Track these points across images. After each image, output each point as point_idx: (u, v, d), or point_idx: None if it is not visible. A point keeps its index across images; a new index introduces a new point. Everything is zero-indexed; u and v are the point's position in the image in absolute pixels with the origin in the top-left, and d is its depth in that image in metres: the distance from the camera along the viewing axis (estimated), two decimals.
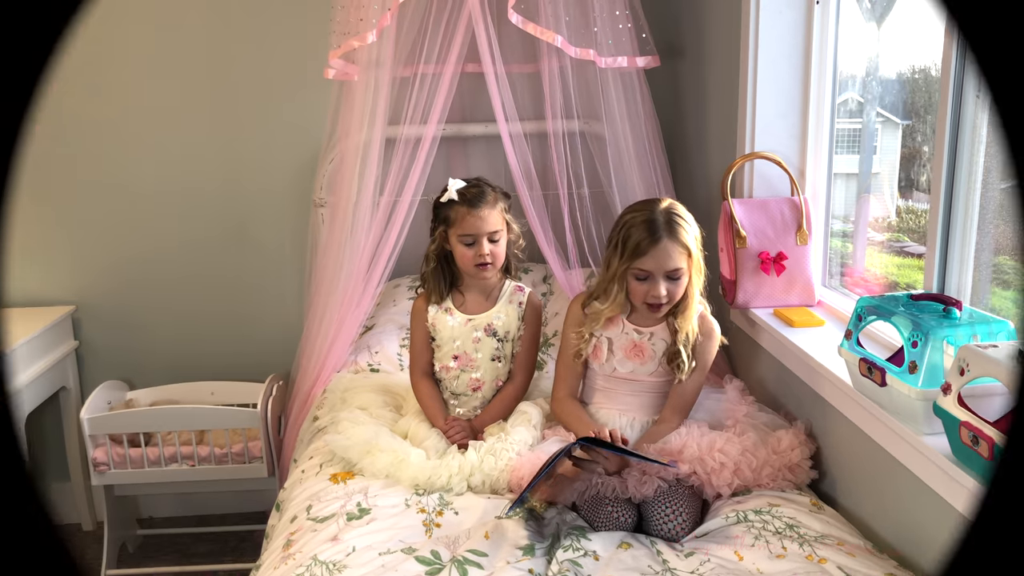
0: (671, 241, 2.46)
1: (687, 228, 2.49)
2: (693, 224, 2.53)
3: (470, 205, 2.70)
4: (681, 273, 2.48)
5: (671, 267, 2.47)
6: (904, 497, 2.13)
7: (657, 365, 2.60)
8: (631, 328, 2.62)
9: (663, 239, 2.45)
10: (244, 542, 3.93)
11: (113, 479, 3.54)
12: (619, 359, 2.63)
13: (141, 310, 3.95)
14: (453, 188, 2.72)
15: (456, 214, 2.72)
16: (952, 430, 1.81)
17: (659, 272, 2.47)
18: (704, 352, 2.60)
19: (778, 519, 2.22)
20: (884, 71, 2.82)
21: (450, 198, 2.72)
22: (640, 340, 2.60)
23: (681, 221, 2.49)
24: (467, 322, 2.83)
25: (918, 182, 2.65)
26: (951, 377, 1.82)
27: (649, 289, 2.49)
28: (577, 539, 2.20)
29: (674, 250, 2.46)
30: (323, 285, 3.34)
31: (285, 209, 3.89)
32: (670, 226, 2.47)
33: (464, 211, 2.70)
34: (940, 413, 1.84)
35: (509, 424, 2.70)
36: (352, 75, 3.26)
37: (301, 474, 2.66)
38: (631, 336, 2.61)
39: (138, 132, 3.78)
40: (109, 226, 3.86)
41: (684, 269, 2.48)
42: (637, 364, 2.61)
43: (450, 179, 2.76)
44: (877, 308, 2.14)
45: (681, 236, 2.47)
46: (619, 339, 2.62)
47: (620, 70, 3.22)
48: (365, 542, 2.17)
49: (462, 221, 2.70)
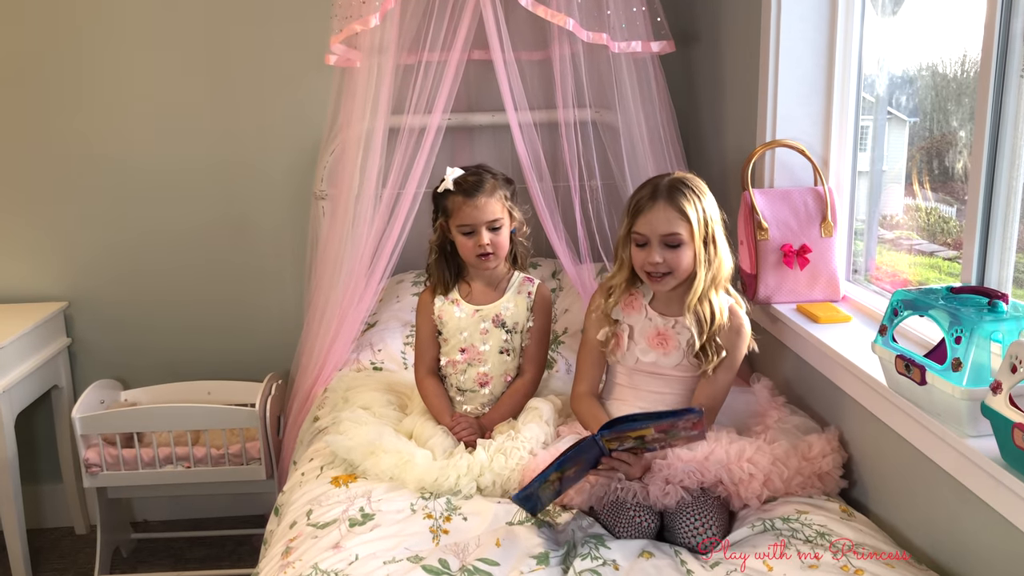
0: (667, 204, 2.39)
1: (690, 197, 2.40)
2: (704, 197, 2.44)
3: (466, 195, 2.66)
4: (679, 240, 2.40)
5: (665, 231, 2.39)
6: (945, 505, 2.04)
7: (682, 357, 2.51)
8: (655, 314, 2.54)
9: (659, 201, 2.40)
10: (241, 547, 3.90)
11: (106, 481, 3.51)
12: (641, 348, 2.54)
13: (136, 307, 3.93)
14: (450, 177, 2.70)
15: (453, 204, 2.68)
16: (1003, 432, 1.72)
17: (654, 236, 2.40)
18: (732, 348, 2.49)
19: (808, 527, 2.15)
20: (891, 67, 2.80)
21: (446, 188, 2.69)
22: (665, 327, 2.52)
23: (685, 189, 2.42)
24: (474, 313, 2.78)
25: (928, 179, 2.62)
26: (1002, 375, 1.73)
27: (647, 256, 2.42)
28: (596, 547, 2.13)
29: (670, 214, 2.39)
30: (324, 280, 3.30)
31: (284, 201, 3.86)
32: (670, 191, 2.41)
33: (460, 201, 2.66)
34: (989, 414, 1.75)
35: (520, 421, 2.65)
36: (354, 61, 3.23)
37: (301, 477, 2.61)
38: (655, 323, 2.53)
39: (134, 120, 3.75)
40: (103, 219, 3.83)
41: (682, 236, 2.39)
42: (660, 354, 2.53)
43: (448, 168, 2.72)
44: (915, 302, 2.04)
45: (679, 201, 2.39)
46: (641, 326, 2.55)
47: (634, 56, 3.17)
48: (369, 550, 2.11)
49: (459, 211, 2.67)
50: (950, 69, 2.48)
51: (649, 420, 2.21)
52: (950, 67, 2.48)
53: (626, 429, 2.20)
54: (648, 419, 2.21)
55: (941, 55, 2.51)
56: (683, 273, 2.43)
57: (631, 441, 2.24)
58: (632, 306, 2.57)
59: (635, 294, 2.57)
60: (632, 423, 2.20)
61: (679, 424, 2.19)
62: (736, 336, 2.49)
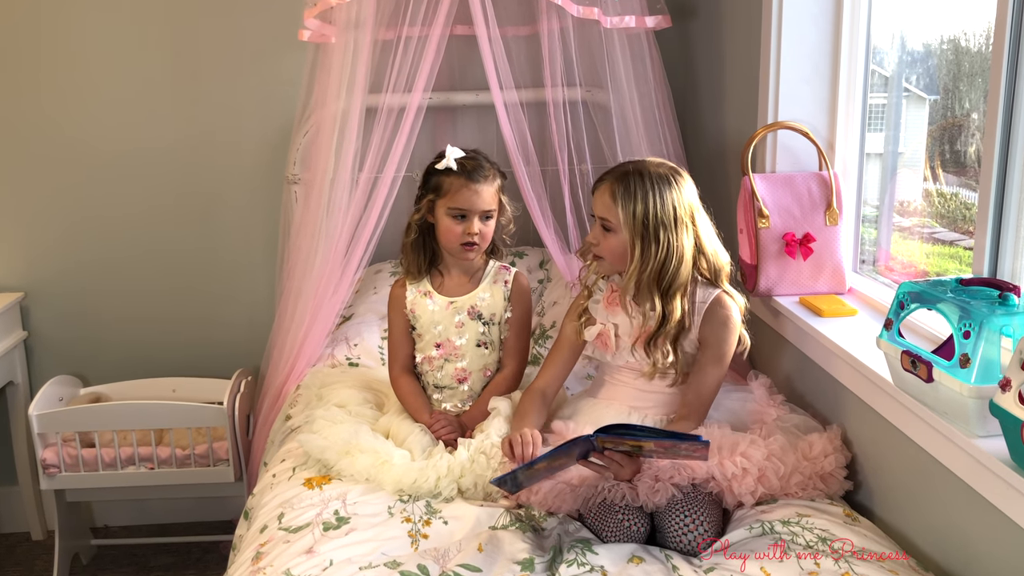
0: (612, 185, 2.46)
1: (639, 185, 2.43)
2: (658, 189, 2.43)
3: (468, 177, 2.65)
4: (610, 226, 2.46)
5: (596, 211, 2.50)
6: (952, 508, 2.06)
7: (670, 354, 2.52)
8: (636, 311, 2.55)
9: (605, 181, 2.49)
10: (208, 554, 3.90)
11: (65, 483, 3.51)
12: (628, 347, 2.56)
13: (96, 298, 3.92)
14: (452, 155, 2.68)
15: (451, 185, 2.67)
16: (1013, 432, 1.73)
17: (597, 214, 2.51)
18: (720, 342, 2.51)
19: (809, 531, 2.16)
20: (910, 42, 2.80)
21: (447, 166, 2.67)
22: (649, 325, 2.52)
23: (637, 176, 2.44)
24: (448, 305, 2.79)
25: (950, 162, 2.61)
26: (1011, 372, 1.74)
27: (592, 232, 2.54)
28: (582, 552, 2.14)
29: (605, 198, 2.46)
30: (296, 270, 3.30)
31: (255, 186, 3.86)
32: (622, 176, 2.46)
33: (461, 182, 2.65)
34: (998, 413, 1.76)
35: (486, 423, 2.64)
36: (329, 37, 3.23)
37: (272, 478, 2.61)
38: (636, 321, 2.55)
39: (93, 100, 3.73)
40: (61, 205, 3.82)
41: (614, 223, 2.45)
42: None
43: (448, 146, 2.71)
44: (922, 294, 2.05)
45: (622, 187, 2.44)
46: (625, 324, 2.57)
47: (627, 31, 3.18)
48: (344, 555, 2.11)
49: (456, 193, 2.66)
50: (973, 42, 2.47)
51: (651, 436, 2.24)
52: (973, 40, 2.47)
53: (625, 436, 2.22)
54: (650, 434, 2.25)
55: (963, 27, 2.49)
56: (610, 258, 2.50)
57: (627, 447, 2.26)
58: (615, 303, 2.59)
59: (617, 290, 2.59)
60: (632, 433, 2.23)
61: (681, 446, 2.21)
62: (722, 328, 2.50)
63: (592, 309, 2.62)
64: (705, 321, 2.49)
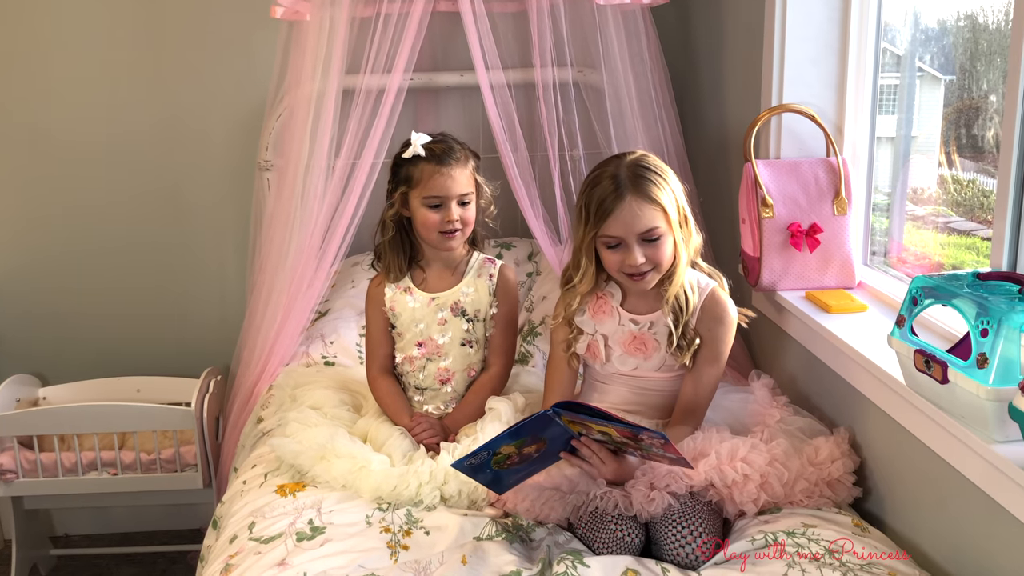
0: (637, 198, 2.40)
1: (658, 182, 2.43)
2: (668, 176, 2.47)
3: (439, 162, 2.67)
4: (659, 233, 2.42)
5: (642, 228, 2.40)
6: (969, 518, 2.06)
7: (664, 359, 2.55)
8: (627, 318, 2.56)
9: (627, 197, 2.40)
10: (175, 564, 3.90)
11: (22, 489, 3.53)
12: (619, 356, 2.59)
13: (56, 293, 3.92)
14: (417, 142, 2.70)
15: (421, 173, 2.68)
16: None
17: (630, 236, 2.41)
18: (715, 340, 2.53)
19: (815, 542, 2.16)
20: (924, 19, 2.79)
21: (415, 153, 2.68)
22: (640, 331, 2.56)
23: (650, 174, 2.43)
24: (430, 301, 2.80)
25: (966, 147, 2.61)
26: None
27: (624, 258, 2.44)
28: (573, 565, 2.12)
29: (643, 208, 2.40)
30: (269, 263, 3.30)
31: (224, 173, 3.87)
32: (636, 181, 2.41)
33: (431, 169, 2.67)
34: (1017, 416, 1.76)
35: (479, 424, 2.65)
36: (303, 14, 3.22)
37: (242, 485, 2.61)
38: (628, 328, 2.57)
39: (54, 85, 3.73)
40: (19, 196, 3.82)
41: (661, 229, 2.42)
42: (641, 359, 2.57)
43: (413, 132, 2.72)
44: (936, 289, 2.04)
45: (649, 191, 2.41)
46: (616, 334, 2.58)
47: (621, 7, 3.18)
48: (318, 567, 2.12)
49: (428, 181, 2.67)
50: (992, 19, 2.48)
51: (608, 420, 2.23)
52: (992, 17, 2.47)
53: (585, 419, 2.23)
54: (608, 419, 2.24)
55: (981, 3, 2.49)
56: (667, 265, 2.47)
57: (597, 434, 2.27)
58: (603, 311, 2.59)
59: (603, 297, 2.60)
60: (591, 415, 2.23)
61: (643, 437, 2.21)
62: (717, 324, 2.53)
63: (579, 322, 2.62)
64: (700, 319, 2.51)
